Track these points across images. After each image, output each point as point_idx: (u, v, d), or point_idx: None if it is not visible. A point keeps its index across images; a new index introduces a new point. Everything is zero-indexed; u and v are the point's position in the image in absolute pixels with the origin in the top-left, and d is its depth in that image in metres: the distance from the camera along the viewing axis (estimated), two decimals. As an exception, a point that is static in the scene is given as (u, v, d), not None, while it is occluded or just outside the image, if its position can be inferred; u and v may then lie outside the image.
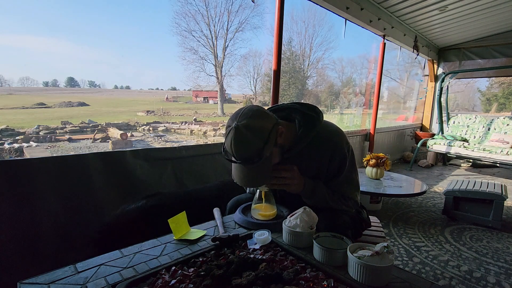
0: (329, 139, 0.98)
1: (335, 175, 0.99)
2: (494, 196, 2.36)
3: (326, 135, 0.98)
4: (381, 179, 2.76)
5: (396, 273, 0.71)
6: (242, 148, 0.82)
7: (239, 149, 0.82)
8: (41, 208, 1.33)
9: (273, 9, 2.14)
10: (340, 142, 0.98)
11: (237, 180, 0.91)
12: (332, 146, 0.97)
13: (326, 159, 0.98)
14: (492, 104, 19.76)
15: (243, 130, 0.81)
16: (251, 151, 0.82)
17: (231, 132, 0.82)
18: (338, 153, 0.97)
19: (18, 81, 50.57)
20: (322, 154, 0.97)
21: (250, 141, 0.81)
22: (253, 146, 0.82)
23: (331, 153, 0.97)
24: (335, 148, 0.97)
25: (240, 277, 0.65)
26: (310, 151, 0.98)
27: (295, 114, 0.99)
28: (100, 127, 12.96)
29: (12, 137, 10.21)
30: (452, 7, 3.37)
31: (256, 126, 0.82)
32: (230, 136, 0.82)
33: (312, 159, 0.98)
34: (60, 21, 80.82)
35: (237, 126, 0.81)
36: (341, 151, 0.97)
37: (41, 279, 0.66)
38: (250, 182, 0.90)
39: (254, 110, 0.85)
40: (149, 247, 0.83)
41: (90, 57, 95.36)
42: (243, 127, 0.81)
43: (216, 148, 2.12)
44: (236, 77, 35.65)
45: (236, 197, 1.24)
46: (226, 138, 0.85)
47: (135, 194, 1.68)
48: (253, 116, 0.83)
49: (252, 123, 0.82)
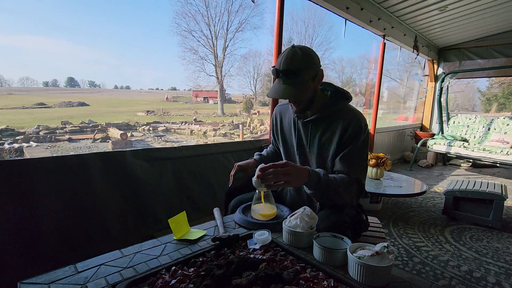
0: (349, 114, 1.05)
1: (347, 145, 1.02)
2: (494, 196, 2.36)
3: (348, 109, 1.07)
4: (381, 179, 2.76)
5: (396, 273, 0.71)
6: (290, 60, 0.96)
7: (287, 60, 0.96)
8: (41, 208, 1.33)
9: (273, 9, 2.14)
10: (358, 118, 1.04)
11: (271, 93, 1.01)
12: (350, 118, 1.03)
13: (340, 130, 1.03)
14: (492, 104, 19.76)
15: (297, 49, 0.97)
16: (295, 66, 0.96)
17: (288, 49, 0.99)
18: (354, 125, 1.02)
19: (18, 81, 50.59)
20: (340, 123, 1.04)
21: (299, 58, 0.96)
22: (298, 63, 0.96)
23: (348, 123, 1.03)
24: (352, 120, 1.03)
25: (240, 277, 0.65)
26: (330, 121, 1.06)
27: (329, 88, 1.13)
28: (100, 127, 12.96)
29: (12, 137, 10.22)
30: (452, 7, 3.37)
31: (309, 52, 0.99)
32: (286, 51, 0.98)
33: (330, 129, 1.06)
34: (60, 21, 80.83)
35: (294, 45, 0.99)
36: (358, 124, 1.02)
37: (41, 279, 0.66)
38: (282, 94, 0.98)
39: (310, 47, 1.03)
40: (149, 247, 0.83)
41: (90, 57, 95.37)
42: (298, 48, 0.98)
43: (216, 148, 2.13)
44: (236, 77, 35.71)
45: (238, 197, 1.24)
46: (280, 55, 1.00)
47: (135, 194, 1.68)
48: (308, 47, 1.01)
49: (307, 49, 0.99)
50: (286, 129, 1.21)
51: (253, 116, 19.88)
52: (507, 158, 3.73)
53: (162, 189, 1.80)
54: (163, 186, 1.80)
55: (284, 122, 1.22)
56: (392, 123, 7.30)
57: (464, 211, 2.54)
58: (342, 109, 1.06)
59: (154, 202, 1.76)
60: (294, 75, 0.97)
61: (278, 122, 1.25)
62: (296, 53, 0.96)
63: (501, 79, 17.61)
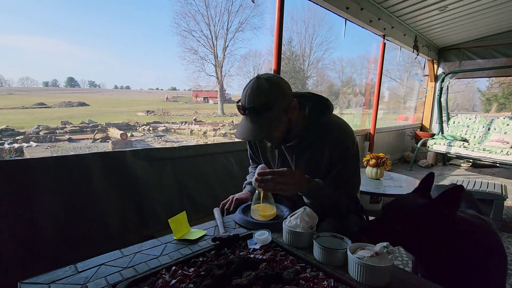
0: (334, 132, 0.98)
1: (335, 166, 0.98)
2: (494, 196, 2.36)
3: (332, 128, 0.99)
4: (381, 179, 2.75)
5: (396, 273, 0.71)
6: (256, 95, 0.85)
7: (252, 95, 0.85)
8: (41, 208, 1.33)
9: (273, 9, 2.14)
10: (345, 135, 0.98)
11: (239, 134, 0.90)
12: (336, 137, 0.97)
13: (328, 151, 0.97)
14: (492, 104, 19.76)
15: (263, 80, 0.86)
16: (262, 100, 0.84)
17: (252, 81, 0.87)
18: (341, 145, 0.96)
19: (18, 81, 50.62)
20: (325, 146, 0.97)
21: (266, 90, 0.85)
22: (266, 96, 0.84)
23: (335, 145, 0.96)
24: (339, 140, 0.96)
25: (240, 277, 0.65)
26: (314, 142, 0.98)
27: (308, 102, 1.01)
28: (100, 127, 12.96)
29: (12, 137, 10.21)
30: (452, 7, 3.37)
31: (277, 82, 0.88)
32: (250, 84, 0.87)
33: (316, 150, 0.99)
34: (60, 21, 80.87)
35: (258, 76, 0.88)
36: (345, 143, 0.96)
37: (41, 279, 0.66)
38: (251, 135, 0.88)
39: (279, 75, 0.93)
40: (149, 247, 0.83)
41: (90, 57, 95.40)
42: (264, 78, 0.87)
43: (216, 148, 2.13)
44: (236, 77, 35.71)
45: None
46: (244, 89, 0.89)
47: (135, 194, 1.68)
48: (276, 76, 0.91)
49: (273, 78, 0.88)
50: (267, 151, 1.13)
51: (253, 116, 19.74)
52: (507, 158, 3.73)
53: (162, 189, 1.80)
54: (163, 186, 1.80)
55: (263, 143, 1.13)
56: (392, 123, 7.30)
57: (464, 211, 2.54)
58: (325, 127, 0.97)
59: (154, 202, 1.76)
60: (261, 112, 0.84)
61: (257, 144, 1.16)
62: (261, 86, 0.85)
63: (501, 79, 17.61)
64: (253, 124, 0.87)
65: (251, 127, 0.87)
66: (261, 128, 0.87)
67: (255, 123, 0.87)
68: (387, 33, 3.51)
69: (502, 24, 4.14)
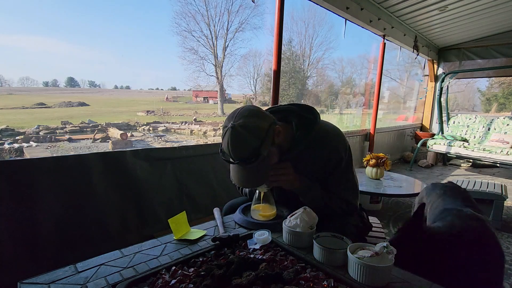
0: (326, 141, 0.98)
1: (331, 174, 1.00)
2: (494, 196, 2.36)
3: (322, 136, 0.98)
4: (381, 179, 2.75)
5: (396, 273, 0.71)
6: (239, 148, 0.82)
7: (236, 148, 0.82)
8: (41, 208, 1.33)
9: (273, 9, 2.14)
10: (336, 143, 0.98)
11: (235, 181, 0.91)
12: (328, 147, 0.97)
13: (322, 160, 0.98)
14: (492, 104, 19.76)
15: (240, 129, 0.81)
16: (248, 151, 0.82)
17: (228, 132, 0.82)
18: (334, 155, 0.97)
19: (18, 81, 50.59)
20: (318, 155, 0.97)
21: (247, 140, 0.81)
22: (250, 146, 0.82)
23: (328, 154, 0.97)
24: (331, 150, 0.97)
25: (240, 277, 0.65)
26: (307, 153, 0.97)
27: (292, 116, 0.98)
28: (100, 127, 12.96)
29: (12, 137, 10.21)
30: (452, 7, 3.37)
31: (253, 125, 0.82)
32: (227, 136, 0.82)
33: (309, 161, 0.98)
34: (60, 21, 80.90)
35: (233, 125, 0.81)
36: (337, 152, 0.97)
37: (41, 279, 0.66)
38: (248, 183, 0.91)
39: (251, 110, 0.86)
40: (149, 247, 0.83)
41: (90, 57, 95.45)
42: (240, 127, 0.81)
43: (216, 148, 2.12)
44: (236, 77, 35.66)
45: (230, 201, 1.24)
46: (223, 139, 0.85)
47: (135, 194, 1.68)
48: (249, 115, 0.83)
49: (248, 122, 0.82)
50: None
51: (253, 116, 19.75)
52: (507, 158, 3.73)
53: (162, 189, 1.80)
54: (163, 186, 1.80)
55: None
56: (392, 123, 7.30)
57: (464, 211, 2.54)
58: (315, 141, 0.96)
59: (154, 202, 1.76)
60: (251, 161, 0.83)
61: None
62: (240, 137, 0.81)
63: (501, 79, 17.61)
64: (246, 173, 0.87)
65: (246, 176, 0.88)
66: (256, 175, 0.88)
67: (247, 171, 0.87)
68: (387, 33, 3.51)
69: (502, 24, 4.14)
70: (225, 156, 0.88)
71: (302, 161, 0.98)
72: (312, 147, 0.97)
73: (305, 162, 0.98)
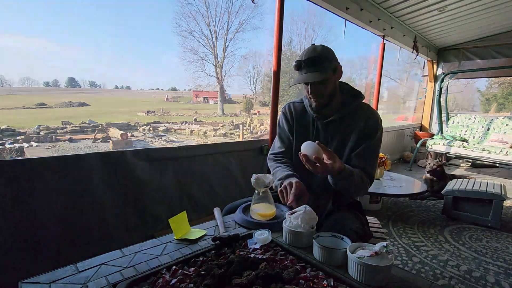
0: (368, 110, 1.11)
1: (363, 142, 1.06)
2: (493, 196, 2.36)
3: (366, 107, 1.12)
4: (380, 179, 2.76)
5: (395, 273, 0.71)
6: (313, 51, 1.01)
7: (310, 51, 1.01)
8: (41, 208, 1.34)
9: (273, 9, 2.14)
10: (376, 115, 1.11)
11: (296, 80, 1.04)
12: (368, 115, 1.09)
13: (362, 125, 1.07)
14: (491, 104, 19.77)
15: (317, 45, 1.04)
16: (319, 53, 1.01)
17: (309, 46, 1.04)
18: (371, 123, 1.07)
19: (19, 81, 50.59)
20: (360, 120, 1.08)
21: (321, 49, 1.02)
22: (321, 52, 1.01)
23: (366, 121, 1.07)
24: (370, 118, 1.08)
25: (240, 276, 0.66)
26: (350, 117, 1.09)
27: (345, 86, 1.15)
28: (100, 127, 12.97)
29: (13, 137, 10.22)
30: (451, 7, 3.38)
31: (328, 48, 1.05)
32: (307, 48, 1.04)
33: (351, 124, 1.09)
34: (61, 21, 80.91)
35: (314, 43, 1.05)
36: (375, 122, 1.08)
37: (42, 278, 0.66)
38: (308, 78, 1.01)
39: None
40: (149, 246, 0.84)
41: (90, 57, 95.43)
42: (319, 45, 1.04)
43: (216, 148, 2.13)
44: (236, 77, 35.75)
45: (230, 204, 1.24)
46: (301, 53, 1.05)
47: (135, 194, 1.69)
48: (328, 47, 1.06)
49: (325, 46, 1.05)
50: (302, 128, 1.18)
51: (253, 116, 19.87)
52: (506, 158, 3.73)
53: (162, 189, 1.81)
54: (163, 186, 1.81)
55: (299, 120, 1.19)
56: (392, 123, 7.30)
57: (464, 211, 2.54)
58: (359, 107, 1.10)
59: (154, 202, 1.77)
60: (317, 63, 1.00)
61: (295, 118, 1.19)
62: (316, 47, 1.03)
63: (500, 79, 17.62)
64: (309, 73, 1.01)
65: (307, 75, 1.01)
66: (317, 74, 1.00)
67: (311, 70, 1.01)
68: (387, 33, 3.51)
69: (501, 24, 4.14)
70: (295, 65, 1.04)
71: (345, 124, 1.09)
72: (356, 112, 1.10)
73: (347, 125, 1.09)
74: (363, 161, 1.05)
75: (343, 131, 1.09)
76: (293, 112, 1.20)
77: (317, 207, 1.10)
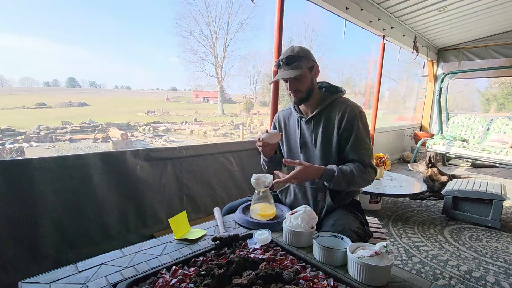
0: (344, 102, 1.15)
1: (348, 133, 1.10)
2: (493, 196, 2.36)
3: (342, 100, 1.16)
4: (380, 179, 2.76)
5: (395, 273, 0.72)
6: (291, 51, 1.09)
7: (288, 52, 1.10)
8: (41, 208, 1.34)
9: (273, 9, 2.14)
10: (352, 105, 1.13)
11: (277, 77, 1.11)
12: (345, 106, 1.13)
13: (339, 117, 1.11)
14: (491, 104, 19.77)
15: (296, 47, 1.12)
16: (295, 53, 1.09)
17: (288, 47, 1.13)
18: (349, 112, 1.10)
19: (19, 81, 50.60)
20: (336, 113, 1.13)
21: (299, 51, 1.10)
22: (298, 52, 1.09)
23: (343, 111, 1.11)
24: (347, 108, 1.12)
25: (240, 276, 0.66)
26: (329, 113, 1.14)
27: (324, 84, 1.23)
28: (100, 127, 12.97)
29: (13, 137, 10.22)
30: (451, 8, 3.38)
31: (305, 48, 1.12)
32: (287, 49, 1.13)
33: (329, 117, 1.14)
34: (61, 21, 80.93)
35: (293, 45, 1.13)
36: (352, 110, 1.11)
37: (42, 278, 0.66)
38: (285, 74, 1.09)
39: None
40: (149, 246, 0.84)
41: (90, 57, 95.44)
42: (297, 46, 1.12)
43: (216, 148, 2.13)
44: (236, 77, 35.77)
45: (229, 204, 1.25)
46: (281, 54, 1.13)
47: (135, 194, 1.69)
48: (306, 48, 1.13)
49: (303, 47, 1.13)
50: (291, 131, 1.27)
51: (253, 116, 19.88)
52: (506, 158, 3.73)
53: (162, 189, 1.81)
54: (163, 186, 1.81)
55: (288, 124, 1.30)
56: (392, 123, 7.30)
57: (464, 211, 2.54)
58: (337, 100, 1.16)
59: (154, 202, 1.77)
60: (293, 61, 1.08)
61: (282, 124, 1.31)
62: (294, 48, 1.11)
63: (500, 79, 17.61)
64: (287, 69, 1.09)
65: (285, 72, 1.09)
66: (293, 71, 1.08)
67: (288, 68, 1.09)
68: (387, 33, 3.51)
69: (501, 25, 4.15)
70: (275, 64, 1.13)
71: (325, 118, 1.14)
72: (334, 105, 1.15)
73: (327, 119, 1.14)
74: (356, 153, 1.09)
75: (324, 126, 1.14)
76: (281, 119, 1.32)
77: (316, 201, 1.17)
